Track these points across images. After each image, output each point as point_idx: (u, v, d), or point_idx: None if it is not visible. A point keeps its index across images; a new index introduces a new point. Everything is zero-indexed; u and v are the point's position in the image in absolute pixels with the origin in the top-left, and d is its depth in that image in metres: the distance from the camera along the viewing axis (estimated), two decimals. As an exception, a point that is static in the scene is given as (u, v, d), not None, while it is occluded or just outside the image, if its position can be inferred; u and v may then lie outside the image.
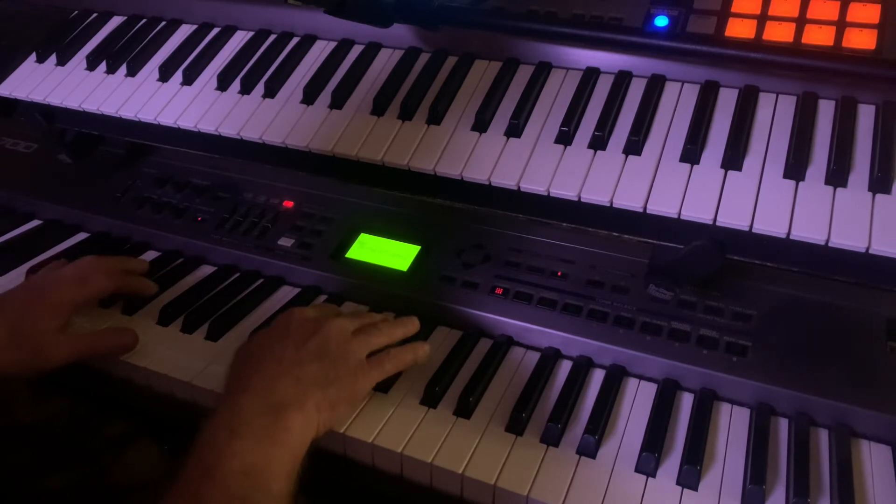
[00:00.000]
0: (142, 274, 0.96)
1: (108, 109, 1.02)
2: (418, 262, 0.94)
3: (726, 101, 0.85)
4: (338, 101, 0.95)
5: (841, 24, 0.84)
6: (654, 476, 0.71)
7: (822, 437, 0.75)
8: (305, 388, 0.71)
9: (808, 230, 0.73)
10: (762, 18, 0.86)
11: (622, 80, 0.89)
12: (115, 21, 1.15)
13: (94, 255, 0.94)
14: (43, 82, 1.08)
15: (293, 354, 0.74)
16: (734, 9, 0.88)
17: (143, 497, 0.78)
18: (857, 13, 0.84)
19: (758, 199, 0.76)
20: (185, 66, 1.03)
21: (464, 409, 0.78)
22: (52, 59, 1.11)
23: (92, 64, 1.09)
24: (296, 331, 0.77)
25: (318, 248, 0.98)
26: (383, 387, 0.80)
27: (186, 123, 0.97)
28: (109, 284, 0.90)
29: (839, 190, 0.76)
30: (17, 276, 0.99)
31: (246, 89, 0.99)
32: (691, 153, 0.81)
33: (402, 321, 0.85)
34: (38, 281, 0.90)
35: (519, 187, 0.83)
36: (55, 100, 1.05)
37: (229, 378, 0.75)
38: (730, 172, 0.79)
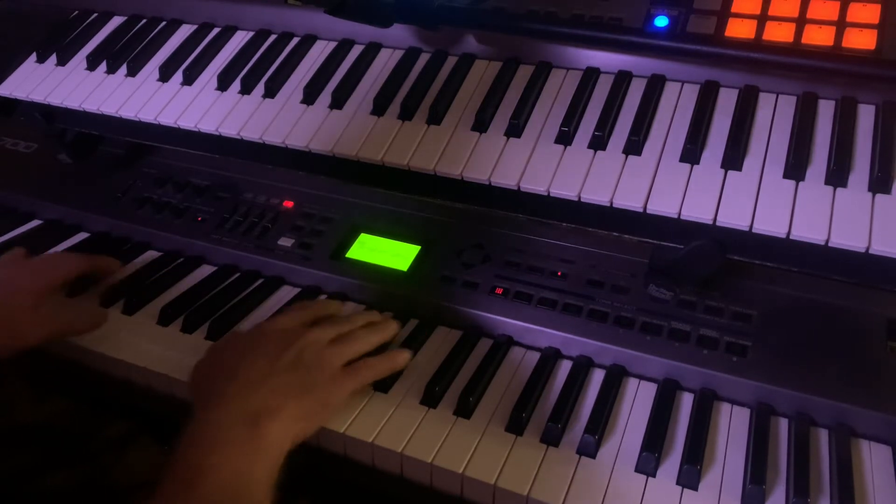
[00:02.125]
0: (111, 272, 0.97)
1: (109, 109, 1.02)
2: (418, 262, 0.94)
3: (726, 101, 0.85)
4: (338, 101, 0.95)
5: (841, 24, 0.84)
6: (654, 476, 0.72)
7: (822, 437, 0.75)
8: (281, 398, 0.71)
9: (808, 230, 0.73)
10: (762, 18, 0.86)
11: (622, 80, 0.89)
12: (116, 21, 1.15)
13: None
14: (43, 82, 1.08)
15: (267, 365, 0.73)
16: (734, 9, 0.87)
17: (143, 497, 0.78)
18: (857, 13, 0.84)
19: (758, 199, 0.76)
20: (186, 66, 1.03)
21: (464, 409, 0.78)
22: (53, 59, 1.11)
23: (92, 64, 1.09)
24: (269, 342, 0.76)
25: (318, 248, 0.98)
26: (383, 387, 0.80)
27: (186, 123, 0.97)
28: (78, 266, 0.93)
29: (839, 190, 0.76)
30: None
31: (246, 89, 0.99)
32: (691, 153, 0.81)
33: (380, 326, 0.85)
34: (8, 269, 0.92)
35: (519, 187, 0.83)
36: (55, 100, 1.05)
37: (200, 389, 0.75)
38: (730, 172, 0.79)
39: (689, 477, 0.71)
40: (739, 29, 0.86)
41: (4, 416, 0.93)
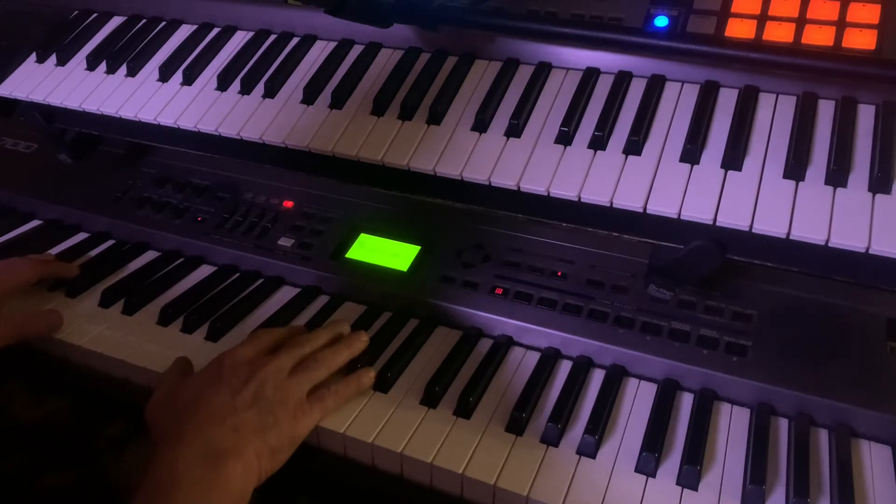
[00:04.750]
0: (70, 276, 0.97)
1: (108, 109, 1.02)
2: (418, 262, 0.94)
3: (726, 101, 0.85)
4: (338, 101, 0.95)
5: (841, 24, 0.84)
6: (654, 476, 0.71)
7: (822, 437, 0.75)
8: (244, 435, 0.68)
9: (808, 230, 0.73)
10: (762, 18, 0.86)
11: (622, 80, 0.89)
12: (115, 21, 1.15)
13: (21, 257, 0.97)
14: (43, 82, 1.08)
15: (228, 402, 0.70)
16: (734, 9, 0.88)
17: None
18: (857, 13, 0.84)
19: (758, 199, 0.76)
20: (185, 66, 1.03)
21: (464, 409, 0.78)
22: (52, 59, 1.11)
23: (92, 64, 1.09)
24: (229, 376, 0.73)
25: (318, 248, 0.98)
26: (383, 387, 0.80)
27: (186, 123, 0.97)
28: (35, 272, 0.93)
29: (839, 190, 0.76)
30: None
31: (246, 89, 0.99)
32: (691, 153, 0.81)
33: (346, 343, 0.82)
34: None
35: (519, 187, 0.83)
36: (55, 100, 1.05)
37: (160, 428, 0.72)
38: (730, 172, 0.79)
39: (689, 477, 0.71)
40: (739, 29, 0.86)
41: (4, 416, 0.93)
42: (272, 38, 1.05)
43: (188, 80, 1.02)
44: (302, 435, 0.73)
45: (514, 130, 0.87)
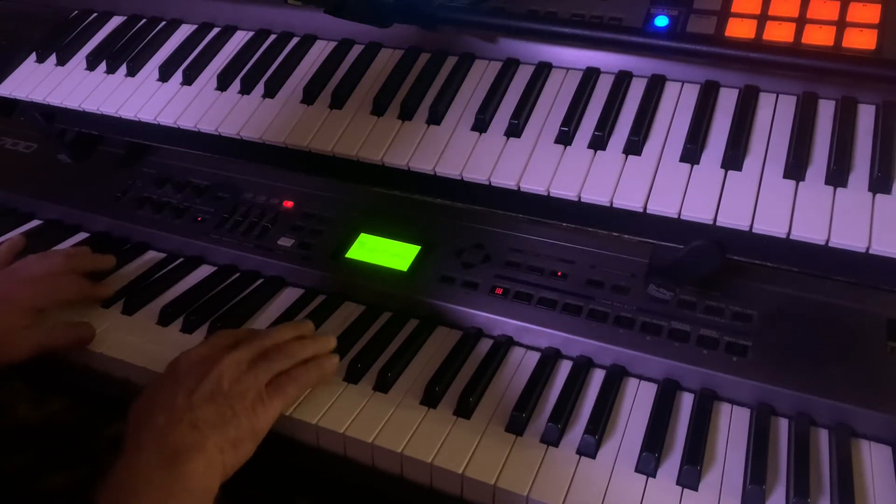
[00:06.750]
0: (108, 269, 0.98)
1: (108, 109, 1.02)
2: (418, 262, 0.94)
3: (726, 101, 0.85)
4: (338, 101, 0.95)
5: (841, 24, 0.84)
6: (654, 476, 0.72)
7: (822, 437, 0.75)
8: (203, 431, 0.67)
9: (808, 230, 0.73)
10: (762, 18, 0.86)
11: (622, 80, 0.89)
12: (115, 21, 1.15)
13: (63, 254, 0.97)
14: (43, 82, 1.08)
15: (185, 401, 0.69)
16: (734, 9, 0.88)
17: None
18: (857, 13, 0.84)
19: (758, 199, 0.76)
20: (185, 66, 1.03)
21: (464, 409, 0.78)
22: (52, 59, 1.11)
23: (92, 64, 1.09)
24: (185, 376, 0.72)
25: (318, 248, 0.98)
26: (383, 387, 0.80)
27: (186, 123, 0.97)
28: (78, 294, 0.92)
29: (839, 190, 0.76)
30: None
31: (246, 89, 0.99)
32: (691, 153, 0.81)
33: (314, 339, 0.82)
34: (11, 283, 0.90)
35: (519, 187, 0.83)
36: (55, 100, 1.05)
37: (125, 437, 0.70)
38: (730, 172, 0.79)
39: (690, 477, 0.71)
40: (739, 29, 0.86)
41: (4, 417, 0.93)
42: (272, 38, 1.05)
43: (188, 79, 1.02)
44: (263, 426, 0.72)
45: (514, 130, 0.87)
